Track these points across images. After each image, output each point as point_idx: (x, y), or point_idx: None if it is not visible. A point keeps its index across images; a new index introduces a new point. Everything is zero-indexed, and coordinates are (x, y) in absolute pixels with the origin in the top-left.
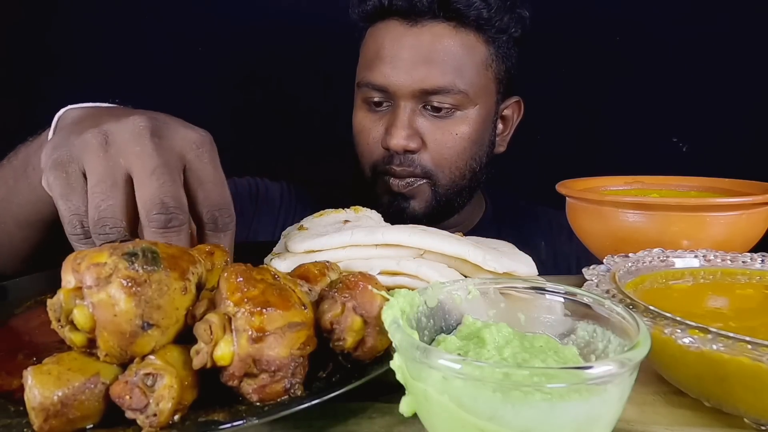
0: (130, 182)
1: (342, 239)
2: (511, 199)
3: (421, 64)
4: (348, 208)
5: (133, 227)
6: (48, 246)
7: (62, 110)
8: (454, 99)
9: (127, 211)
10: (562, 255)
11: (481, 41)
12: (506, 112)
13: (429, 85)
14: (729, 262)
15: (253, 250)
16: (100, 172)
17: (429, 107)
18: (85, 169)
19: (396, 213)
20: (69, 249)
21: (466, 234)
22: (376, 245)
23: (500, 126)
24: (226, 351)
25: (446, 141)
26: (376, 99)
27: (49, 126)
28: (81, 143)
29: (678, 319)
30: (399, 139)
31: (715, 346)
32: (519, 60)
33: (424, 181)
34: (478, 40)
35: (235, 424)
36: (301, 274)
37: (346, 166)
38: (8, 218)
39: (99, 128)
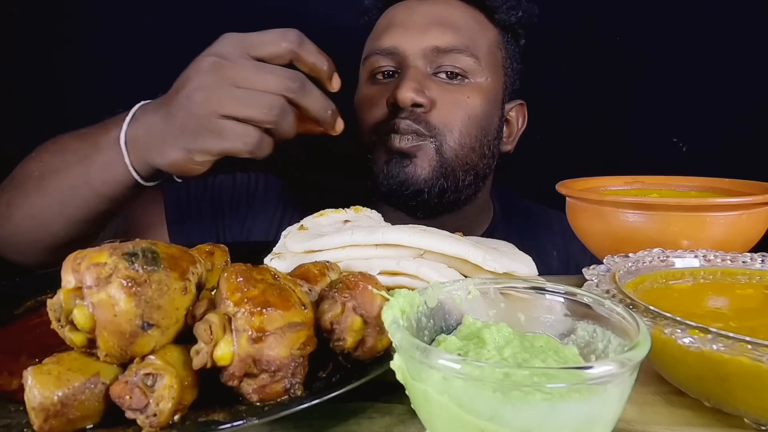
0: None
1: (342, 239)
2: (521, 202)
3: (435, 26)
4: (348, 207)
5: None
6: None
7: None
8: (466, 64)
9: None
10: (575, 264)
11: (493, 27)
12: (511, 114)
13: (442, 42)
14: (729, 262)
15: (253, 250)
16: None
17: (440, 74)
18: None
19: (395, 175)
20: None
21: None
22: (376, 245)
23: (505, 129)
24: (226, 351)
25: (457, 102)
26: (384, 69)
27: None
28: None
29: (678, 319)
30: (407, 91)
31: (715, 346)
32: (521, 64)
33: (430, 140)
34: (490, 23)
35: (235, 424)
36: (301, 274)
37: (349, 166)
38: (64, 218)
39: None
